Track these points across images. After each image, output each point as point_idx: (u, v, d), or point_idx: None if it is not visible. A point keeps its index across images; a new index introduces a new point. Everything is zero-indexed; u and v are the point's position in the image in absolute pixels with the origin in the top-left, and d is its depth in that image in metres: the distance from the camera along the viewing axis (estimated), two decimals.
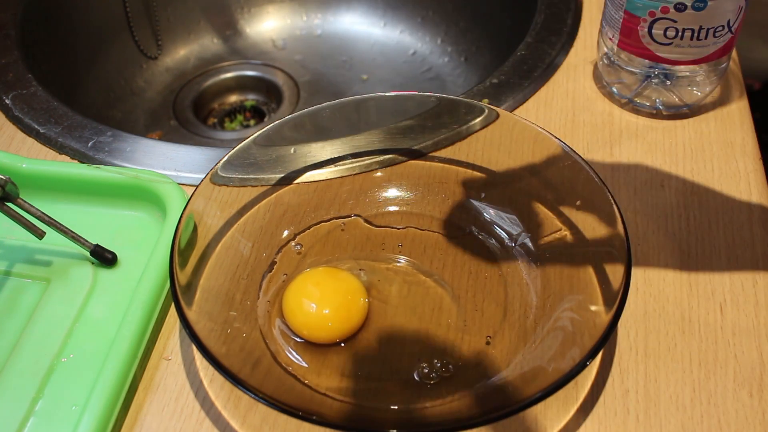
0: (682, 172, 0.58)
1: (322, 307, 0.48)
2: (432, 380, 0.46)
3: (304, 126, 0.56)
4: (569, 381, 0.41)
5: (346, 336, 0.48)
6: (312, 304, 0.49)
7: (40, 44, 0.78)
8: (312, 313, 0.48)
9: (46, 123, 0.65)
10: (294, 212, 0.55)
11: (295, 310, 0.49)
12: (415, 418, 0.44)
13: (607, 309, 0.44)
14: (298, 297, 0.49)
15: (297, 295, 0.49)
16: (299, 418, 0.40)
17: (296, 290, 0.50)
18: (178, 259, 0.47)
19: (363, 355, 0.48)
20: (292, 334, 0.49)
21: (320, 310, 0.48)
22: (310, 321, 0.48)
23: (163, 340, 0.50)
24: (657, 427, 0.44)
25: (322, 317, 0.48)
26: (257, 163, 0.55)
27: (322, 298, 0.49)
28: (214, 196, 0.52)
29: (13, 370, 0.48)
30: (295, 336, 0.48)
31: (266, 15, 0.94)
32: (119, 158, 0.61)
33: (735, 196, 0.56)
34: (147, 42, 0.89)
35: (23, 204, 0.51)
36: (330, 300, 0.49)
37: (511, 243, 0.53)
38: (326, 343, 0.48)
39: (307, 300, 0.49)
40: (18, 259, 0.54)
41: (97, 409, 0.43)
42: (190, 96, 0.89)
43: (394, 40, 0.91)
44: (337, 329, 0.48)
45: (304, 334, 0.48)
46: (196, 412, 0.46)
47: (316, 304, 0.48)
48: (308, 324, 0.48)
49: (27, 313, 0.51)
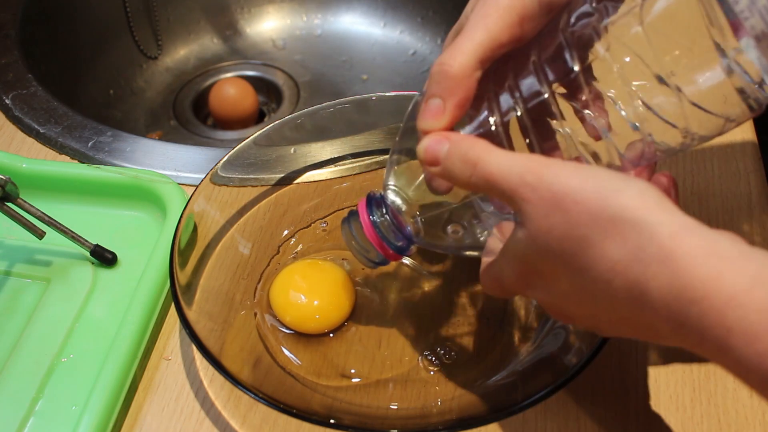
0: (682, 172, 0.58)
1: (309, 297, 0.49)
2: (435, 367, 0.46)
3: (304, 126, 0.56)
4: (570, 381, 0.41)
5: (335, 326, 0.49)
6: (299, 295, 0.49)
7: (40, 44, 0.77)
8: (300, 305, 0.49)
9: (46, 123, 0.65)
10: (294, 212, 0.55)
11: (282, 302, 0.49)
12: (415, 418, 0.44)
13: None
14: (285, 289, 0.49)
15: (284, 288, 0.50)
16: (299, 418, 0.40)
17: (282, 283, 0.50)
18: (178, 259, 0.47)
19: (358, 348, 0.48)
20: (282, 326, 0.49)
21: (308, 301, 0.49)
22: (298, 312, 0.49)
23: (163, 340, 0.50)
24: (657, 427, 0.44)
25: (310, 308, 0.49)
26: (257, 163, 0.55)
27: (308, 289, 0.49)
28: (214, 196, 0.52)
29: (13, 370, 0.48)
30: (284, 328, 0.49)
31: (266, 15, 0.94)
32: (119, 158, 0.61)
33: (735, 196, 0.56)
34: (147, 42, 0.89)
35: (23, 204, 0.51)
36: (316, 290, 0.49)
37: None
38: (315, 333, 0.49)
39: (294, 291, 0.49)
40: (18, 259, 0.54)
41: (97, 409, 0.43)
42: (190, 96, 0.89)
43: (394, 40, 0.91)
44: (325, 319, 0.49)
45: (294, 325, 0.49)
46: (196, 412, 0.46)
47: (303, 295, 0.49)
48: (297, 315, 0.49)
49: (27, 313, 0.51)
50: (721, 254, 0.28)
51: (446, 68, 0.36)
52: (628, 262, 0.29)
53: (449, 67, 0.36)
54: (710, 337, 0.27)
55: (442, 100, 0.36)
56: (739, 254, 0.28)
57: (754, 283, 0.26)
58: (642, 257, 0.29)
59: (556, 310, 0.36)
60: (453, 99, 0.36)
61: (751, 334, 0.26)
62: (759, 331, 0.26)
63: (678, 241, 0.28)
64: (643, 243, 0.29)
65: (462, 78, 0.36)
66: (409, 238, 0.42)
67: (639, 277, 0.29)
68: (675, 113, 0.34)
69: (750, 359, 0.26)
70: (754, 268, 0.27)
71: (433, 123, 0.36)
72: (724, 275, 0.27)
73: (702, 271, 0.27)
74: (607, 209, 0.30)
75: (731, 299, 0.26)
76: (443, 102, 0.36)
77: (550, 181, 0.31)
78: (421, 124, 0.37)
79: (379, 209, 0.43)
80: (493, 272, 0.38)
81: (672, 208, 0.30)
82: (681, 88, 0.33)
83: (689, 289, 0.27)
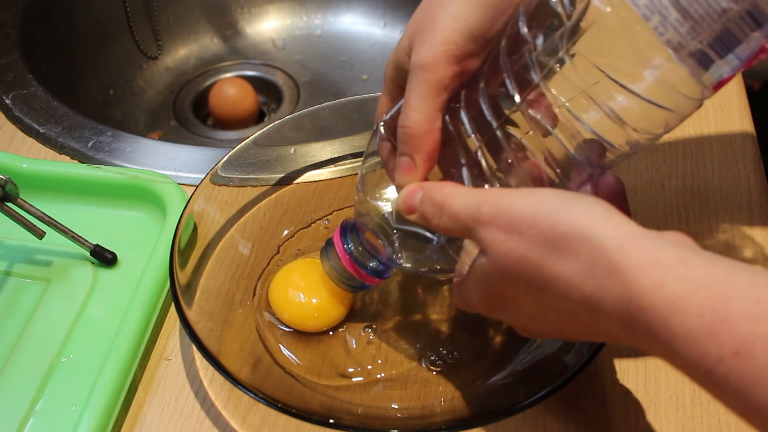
0: (682, 172, 0.58)
1: (308, 296, 0.49)
2: (437, 367, 0.46)
3: (304, 126, 0.56)
4: (569, 381, 0.41)
5: (333, 324, 0.49)
6: (299, 293, 0.49)
7: (40, 44, 0.77)
8: (298, 303, 0.49)
9: (46, 123, 0.65)
10: (294, 212, 0.55)
11: (281, 300, 0.49)
12: (415, 418, 0.44)
13: None
14: (284, 288, 0.50)
15: (283, 286, 0.50)
16: (299, 417, 0.40)
17: (281, 281, 0.50)
18: (178, 259, 0.47)
19: (359, 348, 0.48)
20: (281, 325, 0.49)
21: (307, 300, 0.49)
22: (296, 311, 0.49)
23: (163, 340, 0.50)
24: (657, 427, 0.44)
25: (308, 306, 0.49)
26: (257, 163, 0.55)
27: (307, 288, 0.49)
28: (214, 196, 0.52)
29: (13, 370, 0.48)
30: (283, 326, 0.49)
31: (266, 15, 0.94)
32: (119, 158, 0.61)
33: (735, 196, 0.56)
34: (147, 42, 0.89)
35: (23, 204, 0.51)
36: (315, 289, 0.49)
37: None
38: (314, 331, 0.49)
39: (293, 290, 0.49)
40: (18, 259, 0.54)
41: (97, 409, 0.43)
42: (190, 96, 0.89)
43: (394, 40, 0.91)
44: (324, 317, 0.49)
45: (292, 323, 0.49)
46: (196, 412, 0.46)
47: (302, 294, 0.49)
48: (295, 314, 0.49)
49: (27, 313, 0.51)
50: (664, 263, 0.29)
51: (408, 131, 0.39)
52: (583, 277, 0.31)
53: (411, 129, 0.39)
54: (658, 341, 0.29)
55: (411, 157, 0.39)
56: (681, 261, 0.29)
57: (694, 289, 0.28)
58: (594, 271, 0.31)
59: (524, 330, 0.38)
60: (421, 155, 0.39)
61: (692, 339, 0.28)
62: (699, 334, 0.28)
63: (624, 252, 0.30)
64: (594, 257, 0.31)
65: (424, 134, 0.39)
66: (384, 262, 0.45)
67: (593, 290, 0.31)
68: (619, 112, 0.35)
69: (692, 360, 0.28)
70: (693, 274, 0.29)
71: (408, 179, 0.40)
72: (666, 283, 0.29)
73: (647, 281, 0.29)
74: (558, 228, 0.32)
75: (672, 306, 0.28)
76: (412, 159, 0.39)
77: (506, 209, 0.34)
78: (398, 180, 0.40)
79: (353, 237, 0.45)
80: (461, 294, 0.40)
81: (619, 219, 0.32)
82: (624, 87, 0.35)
83: (637, 298, 0.29)
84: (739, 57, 0.32)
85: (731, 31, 0.32)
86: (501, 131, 0.38)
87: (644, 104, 0.34)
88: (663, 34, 0.33)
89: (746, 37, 0.32)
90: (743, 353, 0.27)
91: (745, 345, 0.27)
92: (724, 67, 0.33)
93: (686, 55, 0.33)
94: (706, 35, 0.32)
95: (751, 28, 0.32)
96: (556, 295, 0.33)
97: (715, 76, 0.33)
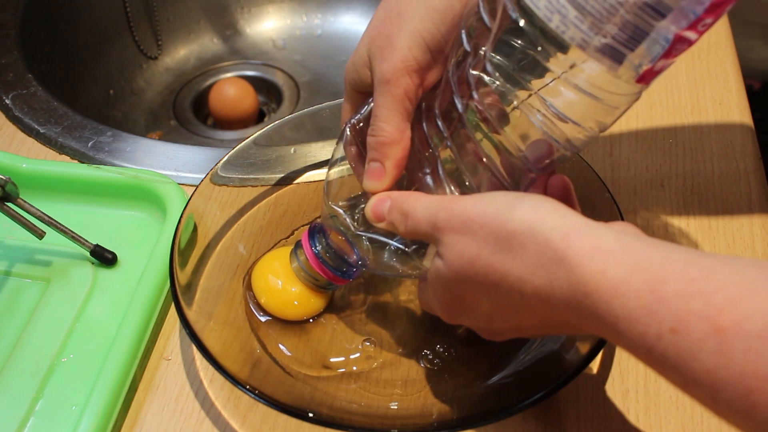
0: (682, 172, 0.58)
1: (287, 284, 0.49)
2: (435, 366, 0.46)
3: (304, 126, 0.56)
4: (570, 381, 0.41)
5: (313, 314, 0.49)
6: (278, 281, 0.49)
7: (40, 44, 0.77)
8: (278, 290, 0.49)
9: (46, 123, 0.65)
10: (294, 212, 0.55)
11: (262, 288, 0.49)
12: (415, 417, 0.44)
13: None
14: (264, 276, 0.50)
15: (263, 274, 0.50)
16: (299, 418, 0.40)
17: (262, 269, 0.50)
18: (178, 259, 0.47)
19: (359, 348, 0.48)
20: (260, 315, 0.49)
21: (286, 288, 0.49)
22: (276, 299, 0.49)
23: (163, 340, 0.50)
24: (657, 427, 0.44)
25: (287, 294, 0.49)
26: (257, 163, 0.55)
27: (286, 276, 0.49)
28: (214, 196, 0.52)
29: (13, 370, 0.48)
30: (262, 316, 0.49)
31: (266, 15, 0.94)
32: (119, 158, 0.61)
33: (735, 196, 0.56)
34: (147, 42, 0.89)
35: (23, 204, 0.51)
36: (294, 278, 0.49)
37: None
38: (294, 320, 0.49)
39: (273, 277, 0.49)
40: (18, 259, 0.54)
41: (97, 409, 0.43)
42: (190, 96, 0.89)
43: None
44: (303, 306, 0.49)
45: (270, 309, 0.49)
46: (196, 412, 0.46)
47: (281, 281, 0.49)
48: (275, 302, 0.49)
49: (27, 313, 0.51)
50: (606, 249, 0.31)
51: (380, 139, 0.41)
52: (533, 270, 0.33)
53: (382, 138, 0.41)
54: (604, 323, 0.31)
55: (381, 163, 0.41)
56: (622, 247, 0.31)
57: (633, 272, 0.30)
58: (543, 262, 0.32)
59: (485, 332, 0.40)
60: (391, 161, 0.41)
61: (633, 319, 0.29)
62: (639, 315, 0.29)
63: (569, 242, 0.32)
64: (541, 250, 0.32)
65: (395, 142, 0.41)
66: (351, 263, 0.46)
67: (544, 281, 0.32)
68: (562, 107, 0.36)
69: (635, 339, 0.30)
70: (633, 259, 0.30)
71: (377, 185, 0.42)
72: (608, 268, 0.30)
73: (590, 268, 0.31)
74: (507, 225, 0.34)
75: (614, 289, 0.30)
76: (382, 165, 0.41)
77: (459, 212, 0.36)
78: (366, 185, 0.42)
79: (321, 239, 0.47)
80: (423, 298, 0.42)
81: (565, 212, 0.33)
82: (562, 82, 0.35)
83: (582, 284, 0.31)
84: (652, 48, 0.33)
85: (633, 23, 0.32)
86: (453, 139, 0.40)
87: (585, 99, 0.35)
88: (565, 32, 0.33)
89: (652, 28, 0.32)
90: (679, 330, 0.28)
91: (680, 322, 0.28)
92: (642, 59, 0.33)
93: (594, 50, 0.33)
94: (608, 29, 0.32)
95: (654, 18, 0.32)
96: (510, 291, 0.34)
97: (633, 69, 0.33)
